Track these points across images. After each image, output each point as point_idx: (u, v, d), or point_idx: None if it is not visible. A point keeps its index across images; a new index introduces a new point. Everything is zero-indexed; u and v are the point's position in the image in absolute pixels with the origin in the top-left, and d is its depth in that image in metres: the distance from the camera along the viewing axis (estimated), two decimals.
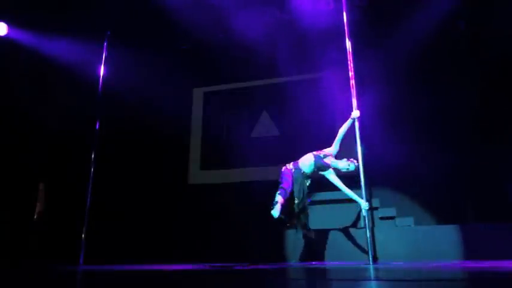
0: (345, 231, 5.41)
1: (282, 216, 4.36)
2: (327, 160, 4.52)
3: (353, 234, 5.26)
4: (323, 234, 5.41)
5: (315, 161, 4.53)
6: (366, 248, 4.50)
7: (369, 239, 4.35)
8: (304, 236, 5.18)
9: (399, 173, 5.88)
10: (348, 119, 4.57)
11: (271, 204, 4.33)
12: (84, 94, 6.59)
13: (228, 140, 7.32)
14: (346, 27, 5.02)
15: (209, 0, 6.44)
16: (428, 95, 6.10)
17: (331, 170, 4.52)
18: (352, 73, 4.79)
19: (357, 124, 4.59)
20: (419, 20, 6.02)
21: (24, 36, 6.73)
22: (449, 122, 5.98)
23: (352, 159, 4.51)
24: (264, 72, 7.01)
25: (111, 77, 6.30)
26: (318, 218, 6.14)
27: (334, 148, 4.63)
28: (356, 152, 4.61)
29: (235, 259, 5.24)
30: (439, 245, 4.87)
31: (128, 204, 6.76)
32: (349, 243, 5.19)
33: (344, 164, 4.47)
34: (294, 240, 5.51)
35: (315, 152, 4.62)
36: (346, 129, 4.55)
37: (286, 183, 4.49)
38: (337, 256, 5.17)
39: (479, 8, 6.06)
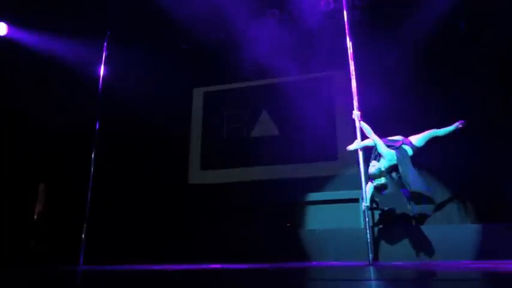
0: (345, 231, 5.41)
1: None
2: None
3: (353, 234, 5.26)
4: (323, 234, 5.41)
5: None
6: (365, 248, 4.50)
7: (369, 239, 4.34)
8: None
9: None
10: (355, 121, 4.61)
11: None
12: (84, 94, 6.59)
13: (228, 139, 7.32)
14: (346, 27, 5.01)
15: (209, 0, 6.44)
16: (428, 96, 6.10)
17: None
18: (353, 73, 4.79)
19: (357, 124, 4.60)
20: (419, 20, 6.02)
21: (24, 36, 6.73)
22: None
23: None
24: (264, 72, 7.01)
25: (111, 77, 6.30)
26: (318, 218, 6.15)
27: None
28: (357, 153, 4.62)
29: (235, 259, 5.24)
30: (439, 245, 4.87)
31: (128, 204, 6.76)
32: (349, 243, 5.19)
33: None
34: (294, 240, 5.51)
35: None
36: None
37: None
38: (337, 256, 5.17)
39: (479, 7, 6.06)
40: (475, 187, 5.60)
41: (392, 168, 4.50)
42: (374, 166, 4.46)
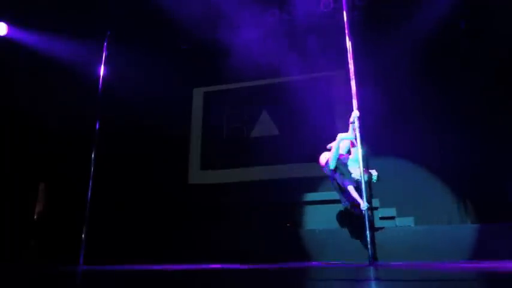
0: (345, 231, 5.41)
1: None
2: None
3: (353, 234, 5.26)
4: (323, 234, 5.40)
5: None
6: (366, 248, 4.50)
7: (369, 239, 4.34)
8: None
9: (399, 173, 5.88)
10: (348, 121, 4.65)
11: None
12: (84, 94, 6.59)
13: (228, 139, 7.32)
14: (346, 27, 5.00)
15: (209, 0, 6.44)
16: (428, 96, 6.09)
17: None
18: (352, 73, 4.78)
19: (357, 124, 4.59)
20: (419, 19, 6.02)
21: (24, 36, 6.73)
22: (449, 122, 5.98)
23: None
24: (264, 72, 7.00)
25: (111, 77, 6.30)
26: (318, 218, 6.15)
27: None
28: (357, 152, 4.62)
29: (235, 259, 5.24)
30: (439, 245, 4.87)
31: (128, 204, 6.76)
32: (349, 243, 5.19)
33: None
34: (294, 240, 5.51)
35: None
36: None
37: None
38: (337, 256, 5.17)
39: (479, 7, 6.06)
40: (475, 187, 5.60)
41: None
42: (359, 169, 4.61)
